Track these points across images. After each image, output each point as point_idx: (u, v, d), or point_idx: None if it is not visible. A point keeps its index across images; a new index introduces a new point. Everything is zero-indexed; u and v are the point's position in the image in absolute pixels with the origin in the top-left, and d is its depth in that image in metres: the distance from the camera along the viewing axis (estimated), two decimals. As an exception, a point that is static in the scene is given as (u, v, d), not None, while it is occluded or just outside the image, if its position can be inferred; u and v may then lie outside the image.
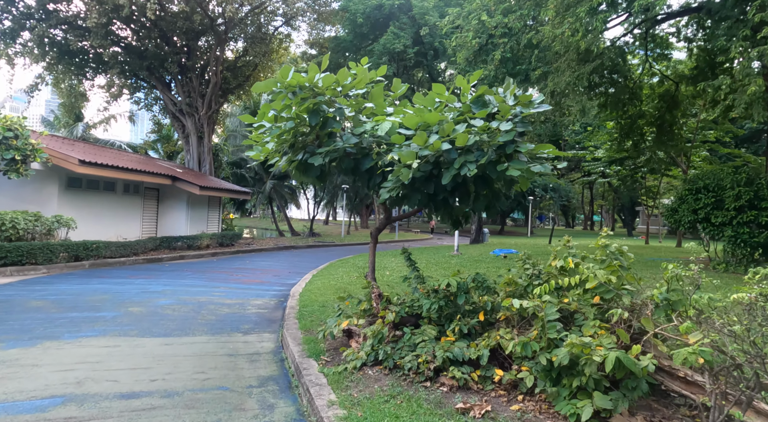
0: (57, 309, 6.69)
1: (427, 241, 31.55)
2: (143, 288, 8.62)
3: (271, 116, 5.06)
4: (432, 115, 4.50)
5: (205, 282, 9.66)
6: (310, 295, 7.90)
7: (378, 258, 14.71)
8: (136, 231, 15.79)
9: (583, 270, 3.22)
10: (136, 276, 10.18)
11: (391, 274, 10.57)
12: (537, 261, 3.89)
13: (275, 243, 21.17)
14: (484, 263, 12.71)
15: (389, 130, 4.69)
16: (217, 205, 19.63)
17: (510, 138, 4.23)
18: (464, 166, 4.20)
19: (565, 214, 76.12)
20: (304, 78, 4.71)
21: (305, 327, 5.72)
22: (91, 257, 11.74)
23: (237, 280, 10.25)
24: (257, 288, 9.33)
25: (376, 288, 4.52)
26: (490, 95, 4.74)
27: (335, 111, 5.01)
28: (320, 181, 5.52)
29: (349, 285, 8.95)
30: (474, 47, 12.00)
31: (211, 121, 21.53)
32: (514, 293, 3.75)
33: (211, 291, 8.68)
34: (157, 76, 20.23)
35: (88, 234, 13.19)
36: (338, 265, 12.86)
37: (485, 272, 10.98)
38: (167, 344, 5.22)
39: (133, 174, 13.83)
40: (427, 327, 4.12)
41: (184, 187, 16.07)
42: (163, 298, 7.76)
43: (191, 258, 14.57)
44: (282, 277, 11.00)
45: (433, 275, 8.33)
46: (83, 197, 13.42)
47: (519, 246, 20.24)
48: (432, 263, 12.82)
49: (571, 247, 3.62)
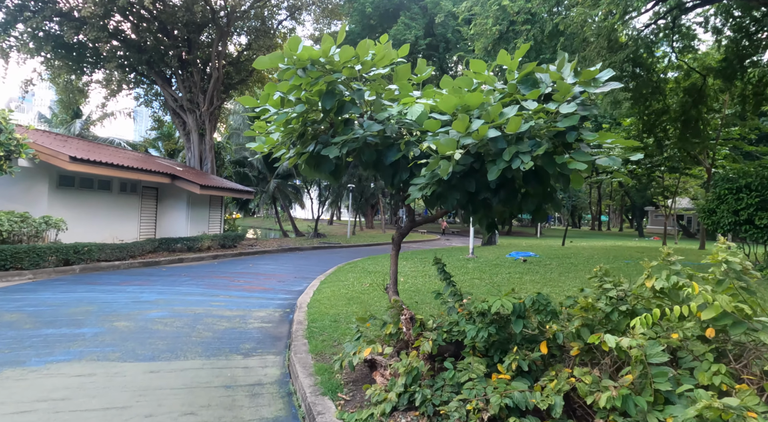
0: (32, 324, 5.87)
1: (434, 242, 30.68)
2: (134, 298, 7.80)
3: (277, 99, 4.21)
4: (473, 95, 3.62)
5: (203, 290, 8.83)
6: (319, 307, 7.05)
7: (386, 261, 13.87)
8: (133, 232, 15.00)
9: (707, 297, 2.35)
10: (129, 283, 9.36)
11: (405, 281, 9.71)
12: (619, 279, 3.01)
13: (279, 245, 20.36)
14: (503, 267, 11.83)
15: (421, 114, 3.83)
16: (218, 205, 18.83)
17: (573, 123, 3.35)
18: (516, 157, 3.32)
19: (571, 215, 75.12)
20: (317, 51, 3.85)
21: (316, 349, 4.87)
22: (83, 261, 10.94)
23: (238, 287, 9.42)
24: (260, 296, 8.50)
25: (406, 310, 3.66)
26: (541, 73, 3.85)
27: (353, 93, 4.14)
28: (335, 178, 4.67)
29: (362, 294, 8.10)
30: (494, 35, 11.12)
31: (213, 118, 20.73)
32: (592, 322, 2.89)
33: (210, 300, 7.85)
34: (157, 70, 19.44)
35: (82, 236, 12.40)
36: (347, 269, 12.01)
37: (507, 278, 10.11)
38: (153, 371, 4.38)
39: (129, 172, 13.04)
40: (473, 361, 3.26)
41: (184, 185, 15.27)
42: (155, 310, 6.93)
43: (191, 262, 13.76)
44: (287, 283, 10.16)
45: (458, 285, 7.34)
46: (76, 196, 12.64)
47: (532, 248, 19.34)
48: (448, 268, 11.91)
49: (674, 262, 2.74)
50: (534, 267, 12.00)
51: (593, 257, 14.73)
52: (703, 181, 29.02)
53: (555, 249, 18.68)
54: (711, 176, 19.22)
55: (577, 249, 19.10)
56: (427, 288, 8.78)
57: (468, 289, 7.88)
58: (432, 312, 6.38)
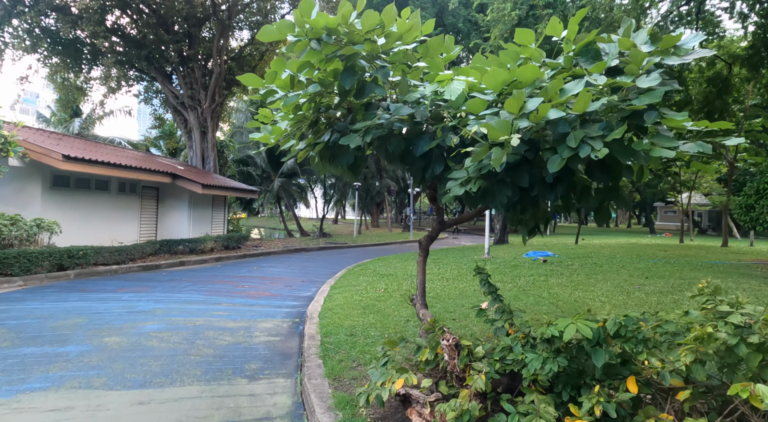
0: (11, 340, 5.23)
1: (442, 241, 29.98)
2: (130, 307, 7.15)
3: (285, 79, 3.53)
4: (526, 69, 2.91)
5: (204, 297, 8.18)
6: (332, 317, 6.38)
7: (401, 262, 13.18)
8: (133, 234, 14.39)
9: None
10: (126, 289, 8.73)
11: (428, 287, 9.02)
12: (740, 298, 2.31)
13: (284, 245, 19.72)
14: (524, 269, 11.12)
15: (461, 95, 3.13)
16: (222, 205, 18.20)
17: (656, 100, 2.64)
18: (584, 144, 2.63)
19: (577, 210, 74.18)
20: (333, 18, 3.16)
21: (333, 372, 4.19)
22: (78, 265, 10.31)
23: (243, 293, 8.76)
24: (266, 303, 7.84)
25: (449, 334, 2.97)
26: (604, 43, 3.13)
27: (377, 71, 3.44)
28: (353, 172, 4.00)
29: (378, 301, 7.41)
30: (512, 20, 10.38)
31: (215, 115, 20.08)
32: (708, 356, 2.20)
33: (211, 309, 7.19)
34: (157, 66, 18.80)
35: (78, 239, 11.79)
36: (358, 272, 11.33)
37: (531, 281, 9.40)
38: (142, 402, 3.72)
39: (127, 171, 12.41)
40: (537, 400, 2.58)
41: (185, 185, 14.63)
42: (150, 321, 6.28)
43: (193, 264, 13.13)
44: (295, 288, 9.50)
45: (477, 288, 6.48)
46: (72, 197, 12.02)
47: (547, 247, 18.59)
48: (465, 270, 11.25)
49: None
50: (556, 268, 11.29)
51: (615, 256, 13.99)
52: (720, 175, 28.13)
53: (571, 248, 17.94)
54: (734, 170, 18.38)
55: (594, 247, 18.35)
56: (448, 294, 8.08)
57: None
58: (463, 324, 5.69)
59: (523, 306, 6.77)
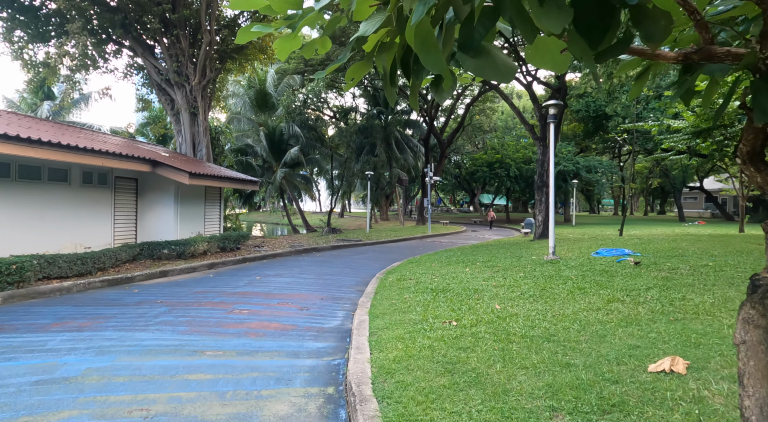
0: None
1: (464, 234, 27.09)
2: (46, 368, 4.29)
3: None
4: None
5: (179, 339, 5.30)
6: (399, 395, 3.48)
7: (445, 267, 10.21)
8: (105, 236, 11.53)
9: None
10: (65, 323, 5.87)
11: (503, 308, 6.11)
12: None
13: (291, 244, 16.84)
14: (622, 278, 8.16)
15: None
16: (217, 199, 15.31)
17: None
18: None
19: (588, 199, 70.85)
20: None
21: None
22: (10, 285, 7.45)
23: (238, 325, 5.90)
24: (275, 348, 4.97)
25: None
26: None
27: None
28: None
29: (464, 350, 4.45)
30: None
31: (206, 94, 17.12)
32: None
33: (186, 369, 4.33)
34: (135, 35, 15.83)
35: (27, 246, 8.95)
36: (395, 284, 8.43)
37: (668, 300, 6.47)
38: None
39: (89, 156, 9.50)
40: None
41: (168, 174, 11.73)
42: (67, 409, 3.41)
43: (178, 275, 10.26)
44: (315, 313, 6.64)
45: (582, 328, 3.88)
46: (13, 190, 9.14)
47: (594, 240, 15.63)
48: (524, 277, 8.21)
49: None
50: (661, 274, 8.36)
51: (705, 252, 11.05)
52: None
53: (632, 243, 14.95)
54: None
55: (660, 240, 15.34)
56: (561, 330, 5.11)
57: (647, 334, 4.24)
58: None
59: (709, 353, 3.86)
